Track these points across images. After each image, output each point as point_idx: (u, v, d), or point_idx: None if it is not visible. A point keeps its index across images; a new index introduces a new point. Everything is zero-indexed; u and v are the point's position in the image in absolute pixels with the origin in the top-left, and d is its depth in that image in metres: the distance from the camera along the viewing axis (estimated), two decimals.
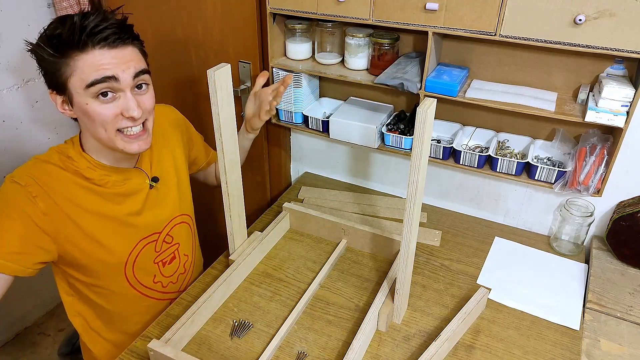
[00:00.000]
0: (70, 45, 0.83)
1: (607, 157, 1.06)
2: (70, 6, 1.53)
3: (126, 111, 0.89)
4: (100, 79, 0.84)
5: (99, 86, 0.85)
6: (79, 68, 0.84)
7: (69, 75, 0.85)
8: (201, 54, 1.52)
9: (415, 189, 0.87)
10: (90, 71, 0.84)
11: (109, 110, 0.88)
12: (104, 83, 0.85)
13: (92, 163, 0.96)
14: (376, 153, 1.47)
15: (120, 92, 0.88)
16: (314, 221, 1.29)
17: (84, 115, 0.89)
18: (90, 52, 0.84)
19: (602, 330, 1.03)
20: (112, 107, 0.88)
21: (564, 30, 0.94)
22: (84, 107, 0.87)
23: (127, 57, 0.87)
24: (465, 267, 1.21)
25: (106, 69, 0.85)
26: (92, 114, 0.87)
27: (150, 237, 1.07)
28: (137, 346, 0.99)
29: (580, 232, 1.22)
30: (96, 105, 0.87)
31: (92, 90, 0.85)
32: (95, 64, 0.84)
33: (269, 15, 1.23)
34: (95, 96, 0.86)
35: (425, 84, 1.12)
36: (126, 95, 0.88)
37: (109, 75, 0.85)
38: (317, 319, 1.06)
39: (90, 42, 0.83)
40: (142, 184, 1.04)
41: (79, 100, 0.87)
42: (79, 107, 0.88)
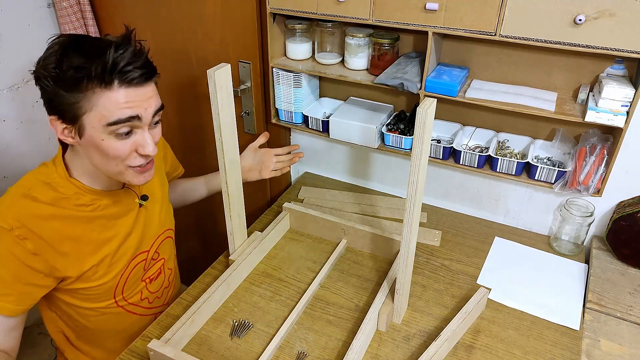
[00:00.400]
0: (95, 81, 0.78)
1: (607, 157, 1.06)
2: (70, 6, 1.53)
3: (142, 148, 0.86)
4: (124, 119, 0.81)
5: (122, 125, 0.82)
6: (100, 105, 0.79)
7: (86, 110, 0.80)
8: (201, 54, 1.52)
9: (415, 189, 0.87)
10: (114, 109, 0.80)
11: (125, 147, 0.85)
12: (127, 122, 0.82)
13: (80, 189, 0.92)
14: (376, 153, 1.47)
15: (138, 129, 0.85)
16: (314, 221, 1.29)
17: (94, 148, 0.84)
18: (115, 91, 0.79)
19: (602, 330, 1.03)
20: (128, 143, 0.85)
21: (564, 30, 0.94)
22: (99, 142, 0.83)
23: (148, 94, 0.84)
24: (465, 267, 1.21)
25: (130, 109, 0.81)
26: (107, 150, 0.84)
27: (140, 257, 1.05)
28: (137, 346, 0.99)
29: (580, 232, 1.22)
30: (112, 142, 0.83)
31: (112, 128, 0.81)
32: (119, 103, 0.80)
33: (269, 15, 1.23)
34: (114, 134, 0.82)
35: (425, 84, 1.12)
36: (143, 132, 0.86)
37: (134, 115, 0.82)
38: (317, 319, 1.06)
39: (117, 81, 0.79)
40: (132, 204, 1.01)
41: (94, 135, 0.82)
42: (90, 141, 0.83)
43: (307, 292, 1.10)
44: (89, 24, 1.60)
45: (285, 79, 1.32)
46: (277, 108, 1.39)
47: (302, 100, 1.34)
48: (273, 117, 1.41)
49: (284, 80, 1.33)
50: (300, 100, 1.34)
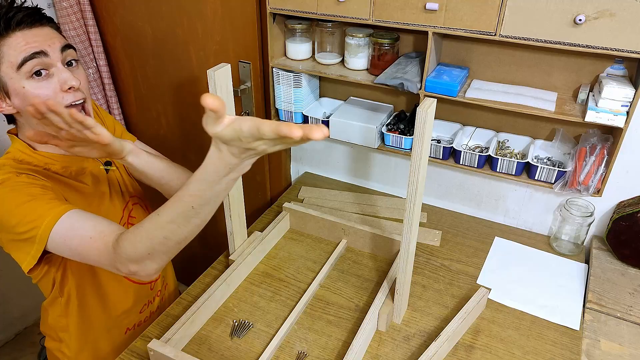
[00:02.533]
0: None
1: (607, 157, 1.06)
2: (70, 6, 1.53)
3: (64, 83, 0.88)
4: (29, 56, 0.85)
5: (30, 63, 0.85)
6: (5, 53, 0.84)
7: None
8: (201, 54, 1.52)
9: (415, 189, 0.87)
10: (18, 52, 0.84)
11: (47, 89, 0.87)
12: (34, 59, 0.85)
13: (50, 157, 0.95)
14: (376, 153, 1.47)
15: (53, 67, 0.88)
16: (314, 221, 1.29)
17: (23, 102, 0.87)
18: (12, 36, 0.84)
19: (602, 330, 1.03)
20: (49, 84, 0.87)
21: (564, 30, 0.94)
22: (22, 91, 0.86)
23: (48, 35, 0.88)
24: (465, 267, 1.21)
25: (33, 46, 0.85)
26: (32, 96, 0.86)
27: (128, 207, 1.09)
28: (137, 346, 0.99)
29: (580, 232, 1.22)
30: (33, 86, 0.86)
31: (24, 69, 0.85)
32: (20, 44, 0.85)
33: (269, 15, 1.23)
34: (29, 76, 0.86)
35: (425, 84, 1.12)
36: (59, 69, 0.88)
37: (37, 51, 0.85)
38: (317, 319, 1.06)
39: (10, 27, 0.84)
40: (99, 171, 1.04)
41: (15, 87, 0.86)
42: (17, 95, 0.87)
43: (307, 292, 1.10)
44: (89, 24, 1.60)
45: (285, 79, 1.32)
46: (277, 108, 1.39)
47: (302, 100, 1.34)
48: (273, 117, 1.41)
49: (284, 80, 1.33)
50: (300, 100, 1.34)
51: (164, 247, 0.76)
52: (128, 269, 0.78)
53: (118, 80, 1.77)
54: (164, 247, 0.76)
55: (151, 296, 1.18)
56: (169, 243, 0.75)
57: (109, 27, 1.65)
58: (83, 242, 0.81)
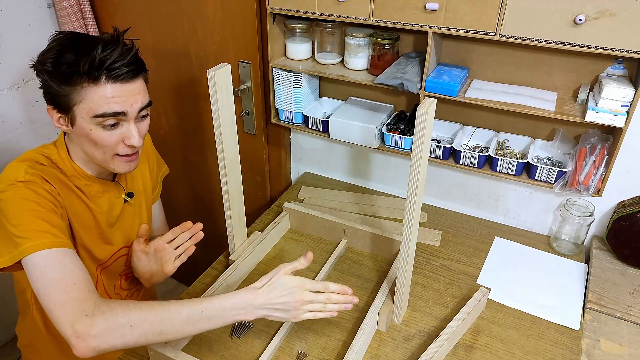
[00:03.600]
0: (84, 76, 0.83)
1: (607, 157, 1.06)
2: (70, 6, 1.53)
3: (128, 140, 0.90)
4: (110, 113, 0.86)
5: (107, 119, 0.87)
6: (88, 98, 0.85)
7: (76, 102, 0.85)
8: (201, 54, 1.52)
9: (415, 189, 0.87)
10: (101, 103, 0.85)
11: (112, 137, 0.89)
12: (112, 117, 0.87)
13: (77, 172, 0.96)
14: (376, 153, 1.47)
15: (125, 122, 0.90)
16: (314, 221, 1.29)
17: (84, 137, 0.90)
18: (102, 86, 0.84)
19: (602, 330, 1.03)
20: (114, 134, 0.89)
21: (564, 30, 0.94)
22: (87, 132, 0.88)
23: (135, 91, 0.88)
24: (465, 267, 1.21)
25: (116, 104, 0.86)
26: (95, 140, 0.89)
27: (121, 252, 1.08)
28: None
29: (580, 232, 1.22)
30: (100, 132, 0.88)
31: (99, 120, 0.86)
32: (106, 97, 0.85)
33: (269, 15, 1.23)
34: (100, 125, 0.87)
35: (425, 84, 1.12)
36: (129, 125, 0.90)
37: (119, 111, 0.87)
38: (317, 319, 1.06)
39: (105, 76, 0.84)
40: (118, 198, 1.04)
41: (83, 125, 0.88)
42: (81, 130, 0.89)
43: None
44: (89, 24, 1.60)
45: (285, 79, 1.32)
46: (277, 108, 1.39)
47: (302, 100, 1.34)
48: (273, 117, 1.41)
49: (284, 80, 1.33)
50: (300, 100, 1.34)
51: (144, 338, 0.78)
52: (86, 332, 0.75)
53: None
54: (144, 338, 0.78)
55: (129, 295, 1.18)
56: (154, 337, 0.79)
57: (109, 28, 1.65)
58: (61, 282, 0.79)
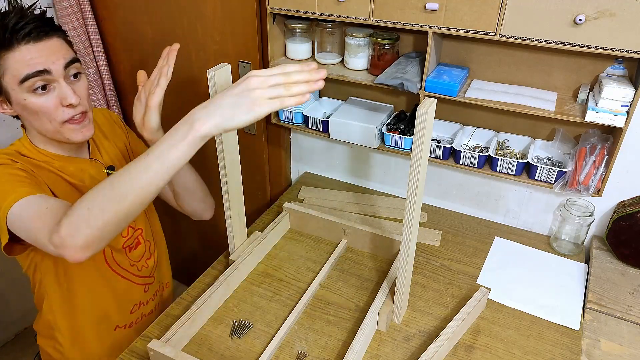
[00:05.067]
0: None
1: (607, 157, 1.06)
2: (70, 6, 1.53)
3: (64, 99, 0.90)
4: (32, 74, 0.86)
5: (32, 80, 0.86)
6: (10, 66, 0.85)
7: (1, 74, 0.86)
8: (201, 54, 1.52)
9: (415, 189, 0.87)
10: (21, 67, 0.85)
11: (48, 102, 0.89)
12: (36, 77, 0.87)
13: (48, 155, 0.97)
14: (376, 153, 1.47)
15: (55, 82, 0.89)
16: (314, 221, 1.29)
17: (24, 111, 0.90)
18: (17, 49, 0.85)
19: (602, 330, 1.03)
20: (50, 98, 0.89)
21: (564, 30, 0.94)
22: (23, 102, 0.88)
23: (54, 49, 0.89)
24: (465, 267, 1.21)
25: (36, 63, 0.86)
26: (33, 108, 0.89)
27: None
28: (137, 346, 0.99)
29: (580, 232, 1.22)
30: (34, 99, 0.88)
31: (26, 85, 0.87)
32: (24, 60, 0.85)
33: (269, 15, 1.23)
34: (31, 91, 0.87)
35: (425, 84, 1.12)
36: (60, 85, 0.90)
37: (41, 70, 0.87)
38: (317, 319, 1.06)
39: (15, 40, 0.84)
40: (99, 174, 1.05)
41: (17, 97, 0.88)
42: (18, 104, 0.89)
43: (307, 292, 1.10)
44: (89, 24, 1.60)
45: None
46: None
47: None
48: (273, 117, 1.41)
49: None
50: None
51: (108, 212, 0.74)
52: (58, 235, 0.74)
53: (118, 80, 1.77)
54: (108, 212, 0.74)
55: (145, 298, 1.19)
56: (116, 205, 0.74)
57: (109, 27, 1.65)
58: (38, 212, 0.81)
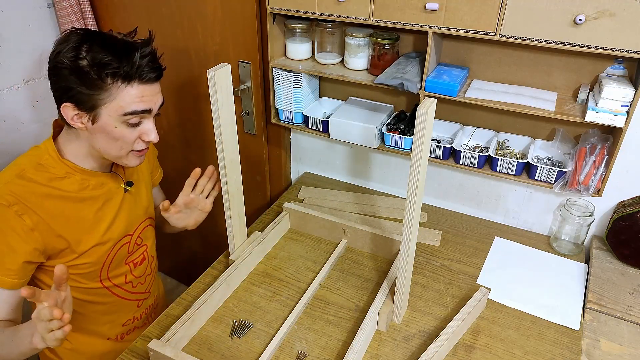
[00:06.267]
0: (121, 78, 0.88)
1: (607, 157, 1.06)
2: (70, 6, 1.53)
3: (146, 136, 0.96)
4: (139, 111, 0.92)
5: (135, 117, 0.92)
6: (120, 98, 0.89)
7: (106, 101, 0.89)
8: (201, 54, 1.52)
9: (415, 189, 0.87)
10: (132, 102, 0.90)
11: (133, 134, 0.95)
12: (140, 114, 0.93)
13: (72, 168, 0.98)
14: (376, 153, 1.47)
15: (145, 120, 0.96)
16: (314, 221, 1.29)
17: (104, 134, 0.93)
18: (135, 86, 0.90)
19: (602, 330, 1.03)
20: (136, 131, 0.95)
21: (564, 30, 0.94)
22: (111, 129, 0.92)
23: (157, 90, 0.96)
24: (465, 267, 1.21)
25: (144, 103, 0.92)
26: (117, 136, 0.93)
27: (124, 239, 1.09)
28: (137, 346, 0.99)
29: (580, 232, 1.22)
30: (124, 130, 0.93)
31: (126, 117, 0.91)
32: (137, 96, 0.91)
33: (269, 15, 1.23)
34: (126, 122, 0.92)
35: (425, 84, 1.12)
36: (148, 122, 0.96)
37: (147, 109, 0.93)
38: (317, 319, 1.06)
39: (138, 78, 0.90)
40: (118, 188, 1.07)
41: (108, 122, 0.91)
42: (102, 127, 0.92)
43: (307, 292, 1.10)
44: (89, 24, 1.60)
45: (285, 79, 1.32)
46: (277, 108, 1.39)
47: (302, 100, 1.34)
48: (273, 117, 1.41)
49: (284, 80, 1.33)
50: (300, 100, 1.34)
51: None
52: None
53: None
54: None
55: (138, 313, 1.20)
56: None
57: (109, 27, 1.65)
58: None
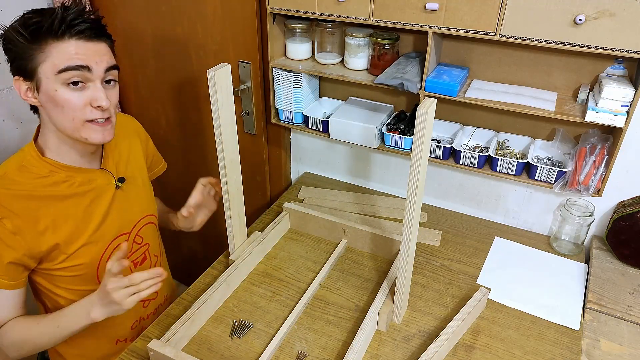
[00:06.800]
0: (48, 33, 0.86)
1: (607, 157, 1.06)
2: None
3: (95, 101, 0.90)
4: (73, 67, 0.87)
5: (71, 73, 0.87)
6: (53, 55, 0.86)
7: (41, 61, 0.86)
8: (201, 54, 1.52)
9: (415, 189, 0.87)
10: (65, 58, 0.86)
11: (78, 99, 0.89)
12: (77, 71, 0.87)
13: (55, 166, 0.95)
14: (376, 153, 1.47)
15: (90, 82, 0.90)
16: (314, 221, 1.29)
17: (50, 102, 0.89)
18: (67, 42, 0.87)
19: (602, 330, 1.03)
20: (81, 95, 0.89)
21: (564, 30, 0.94)
22: (52, 93, 0.88)
23: (100, 52, 0.91)
24: (465, 267, 1.21)
25: (80, 59, 0.87)
26: (61, 101, 0.88)
27: (120, 238, 1.05)
28: (137, 346, 0.99)
29: (580, 232, 1.22)
30: (65, 92, 0.88)
31: (63, 76, 0.87)
32: (70, 53, 0.87)
33: (269, 15, 1.23)
34: (65, 83, 0.88)
35: (425, 84, 1.12)
36: (96, 86, 0.90)
37: (83, 65, 0.88)
38: (317, 319, 1.06)
39: (68, 33, 0.86)
40: (109, 185, 1.03)
41: (48, 87, 0.88)
42: (46, 93, 0.89)
43: (307, 292, 1.10)
44: None
45: (285, 79, 1.32)
46: (277, 108, 1.39)
47: (302, 100, 1.34)
48: (273, 117, 1.41)
49: (284, 80, 1.33)
50: (300, 100, 1.34)
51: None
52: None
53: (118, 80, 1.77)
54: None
55: (145, 313, 1.17)
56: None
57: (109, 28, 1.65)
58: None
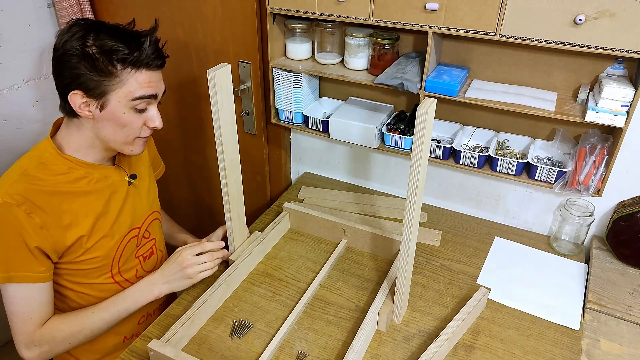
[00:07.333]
0: (131, 64, 0.92)
1: (607, 157, 1.06)
2: (70, 6, 1.53)
3: (151, 122, 1.00)
4: (147, 96, 0.96)
5: (143, 101, 0.96)
6: (129, 82, 0.93)
7: (116, 87, 0.93)
8: (201, 54, 1.52)
9: (415, 189, 0.87)
10: (139, 87, 0.94)
11: (139, 120, 0.98)
12: (147, 99, 0.97)
13: (75, 163, 0.99)
14: (376, 153, 1.47)
15: (151, 106, 0.99)
16: (314, 221, 1.29)
17: (112, 120, 0.95)
18: (143, 72, 0.95)
19: (602, 330, 1.03)
20: (141, 117, 0.98)
21: (564, 30, 0.94)
22: (119, 114, 0.95)
23: (161, 79, 1.01)
24: (465, 267, 1.21)
25: (152, 87, 0.97)
26: (125, 122, 0.96)
27: (132, 232, 1.10)
28: (137, 346, 0.99)
29: (580, 232, 1.22)
30: (131, 116, 0.96)
31: (135, 103, 0.95)
32: (144, 82, 0.95)
33: (269, 15, 1.23)
34: (134, 108, 0.96)
35: (425, 84, 1.12)
36: (152, 109, 1.00)
37: (153, 94, 0.97)
38: (317, 319, 1.06)
39: (146, 65, 0.94)
40: (122, 181, 1.08)
41: (117, 109, 0.94)
42: (112, 114, 0.95)
43: (307, 292, 1.10)
44: None
45: (285, 79, 1.33)
46: (277, 108, 1.40)
47: (302, 100, 1.34)
48: (273, 117, 1.41)
49: (284, 80, 1.33)
50: (300, 100, 1.34)
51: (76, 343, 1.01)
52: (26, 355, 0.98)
53: None
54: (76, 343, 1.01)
55: (151, 308, 1.20)
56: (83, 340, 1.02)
57: None
58: (22, 315, 0.96)
